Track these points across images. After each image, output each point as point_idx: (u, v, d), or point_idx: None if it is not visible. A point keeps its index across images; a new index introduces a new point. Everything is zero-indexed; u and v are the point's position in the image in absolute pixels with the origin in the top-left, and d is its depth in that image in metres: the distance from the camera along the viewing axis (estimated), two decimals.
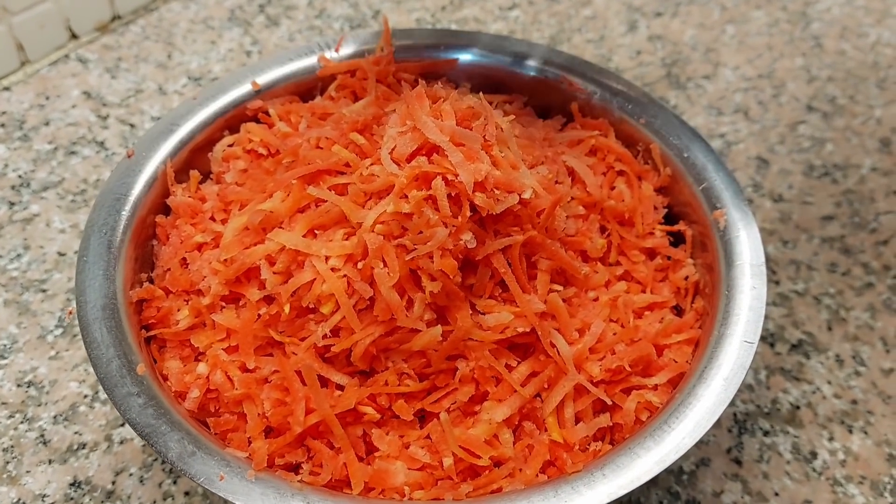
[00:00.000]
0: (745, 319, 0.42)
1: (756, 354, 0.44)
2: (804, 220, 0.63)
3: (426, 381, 0.40)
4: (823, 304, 0.57)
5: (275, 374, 0.40)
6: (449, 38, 0.56)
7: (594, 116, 0.54)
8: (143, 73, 0.70)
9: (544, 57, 0.55)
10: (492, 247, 0.40)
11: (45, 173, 0.62)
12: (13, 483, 0.46)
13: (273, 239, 0.41)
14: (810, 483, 0.48)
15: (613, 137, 0.53)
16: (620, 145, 0.52)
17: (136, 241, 0.45)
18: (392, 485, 0.38)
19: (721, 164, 0.49)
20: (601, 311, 0.43)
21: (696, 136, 0.50)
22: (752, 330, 0.41)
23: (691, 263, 0.48)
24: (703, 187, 0.48)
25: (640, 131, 0.52)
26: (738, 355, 0.40)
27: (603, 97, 0.53)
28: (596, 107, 0.54)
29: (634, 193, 0.49)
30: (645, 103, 0.52)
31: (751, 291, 0.43)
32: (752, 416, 0.51)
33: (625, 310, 0.43)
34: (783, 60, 0.76)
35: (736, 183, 0.48)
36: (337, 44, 0.54)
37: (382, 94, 0.51)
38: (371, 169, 0.40)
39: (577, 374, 0.40)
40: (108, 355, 0.39)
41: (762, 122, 0.70)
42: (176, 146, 0.49)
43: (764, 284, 0.43)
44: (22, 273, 0.56)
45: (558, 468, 0.39)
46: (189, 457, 0.37)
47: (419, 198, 0.38)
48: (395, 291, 0.38)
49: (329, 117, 0.50)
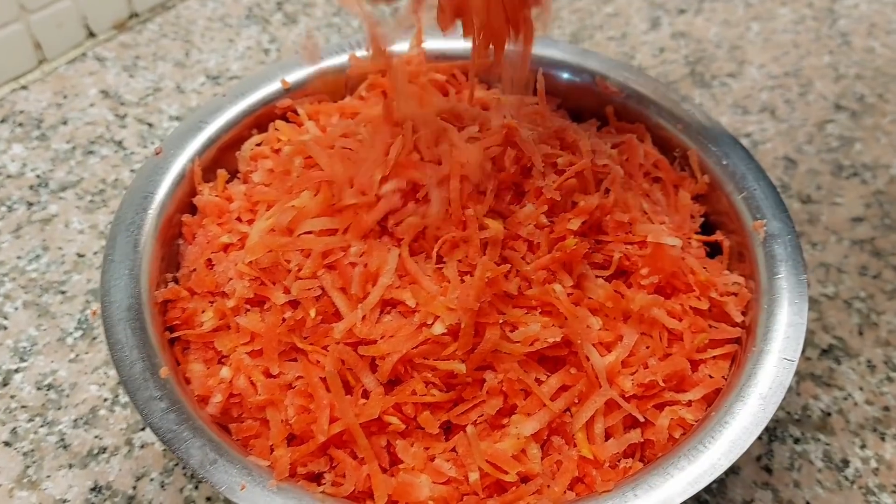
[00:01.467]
0: (785, 335, 0.40)
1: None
2: (833, 221, 0.61)
3: (452, 392, 0.39)
4: (854, 308, 0.56)
5: (299, 380, 0.40)
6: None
7: (630, 120, 0.53)
8: (160, 72, 0.70)
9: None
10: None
11: (64, 173, 0.62)
12: (33, 488, 0.46)
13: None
14: (842, 492, 0.47)
15: (650, 142, 0.51)
16: (657, 151, 0.51)
17: (163, 241, 0.45)
18: (416, 499, 0.37)
19: (762, 173, 0.47)
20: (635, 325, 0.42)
21: (735, 143, 0.49)
22: (793, 347, 0.40)
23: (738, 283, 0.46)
24: (742, 196, 0.47)
25: (678, 137, 0.50)
26: (777, 373, 0.39)
27: (639, 100, 0.52)
28: (632, 110, 0.52)
29: (671, 201, 0.48)
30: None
31: (791, 306, 0.41)
32: (783, 423, 0.50)
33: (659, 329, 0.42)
34: (810, 58, 0.74)
35: (777, 192, 0.46)
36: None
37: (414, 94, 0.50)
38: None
39: (609, 390, 0.39)
40: (131, 357, 0.39)
41: (789, 122, 0.69)
42: (204, 144, 0.48)
43: (805, 299, 0.42)
44: (41, 274, 0.55)
45: (587, 485, 0.38)
46: (211, 465, 0.36)
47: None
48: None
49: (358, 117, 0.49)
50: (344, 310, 0.40)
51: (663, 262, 0.42)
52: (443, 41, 0.54)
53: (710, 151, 0.49)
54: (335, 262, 0.40)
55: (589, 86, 0.53)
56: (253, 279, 0.41)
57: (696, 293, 0.43)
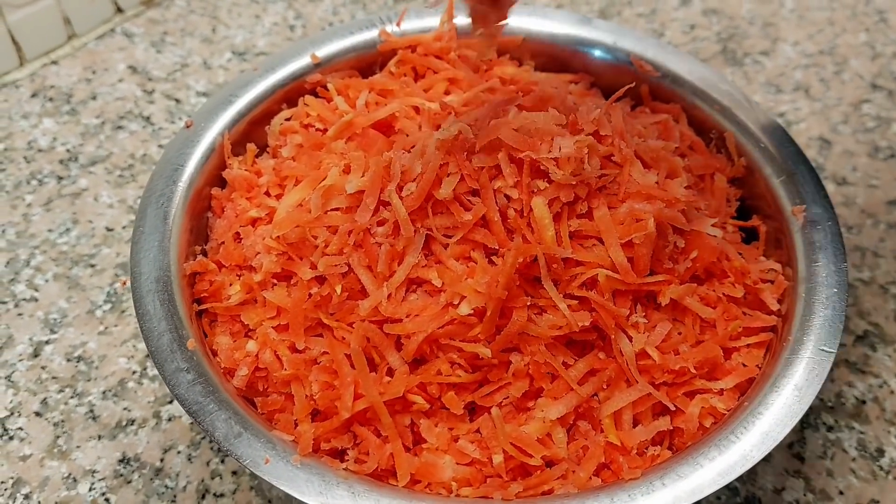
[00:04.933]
0: (823, 325, 0.39)
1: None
2: (869, 204, 0.60)
3: (478, 373, 0.39)
4: (890, 293, 0.54)
5: (324, 356, 0.40)
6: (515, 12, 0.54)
7: (665, 100, 0.51)
8: (188, 48, 0.70)
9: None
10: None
11: (94, 147, 0.62)
12: (63, 458, 0.47)
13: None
14: (877, 482, 0.46)
15: (686, 123, 0.50)
16: (693, 132, 0.50)
17: (192, 213, 0.45)
18: (439, 479, 0.37)
19: (802, 156, 0.46)
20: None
21: (774, 124, 0.47)
22: (831, 337, 0.39)
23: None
24: (781, 180, 0.45)
25: (714, 118, 0.49)
26: (814, 364, 0.38)
27: (675, 80, 0.51)
28: (667, 90, 0.51)
29: (706, 185, 0.47)
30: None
31: (830, 295, 0.40)
32: (815, 411, 0.49)
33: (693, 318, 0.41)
34: (845, 36, 0.72)
35: (817, 176, 0.45)
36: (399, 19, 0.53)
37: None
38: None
39: (647, 385, 0.38)
40: (159, 329, 0.39)
41: (824, 101, 0.67)
42: (234, 118, 0.48)
43: (845, 288, 0.40)
44: (71, 247, 0.56)
45: (613, 472, 0.38)
46: (235, 437, 0.36)
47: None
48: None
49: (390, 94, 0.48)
50: (370, 287, 0.39)
51: (702, 251, 0.41)
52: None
53: (747, 133, 0.48)
54: (362, 240, 0.40)
55: (624, 64, 0.52)
56: (280, 254, 0.41)
57: (730, 279, 0.42)
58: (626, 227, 0.38)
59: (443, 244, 0.39)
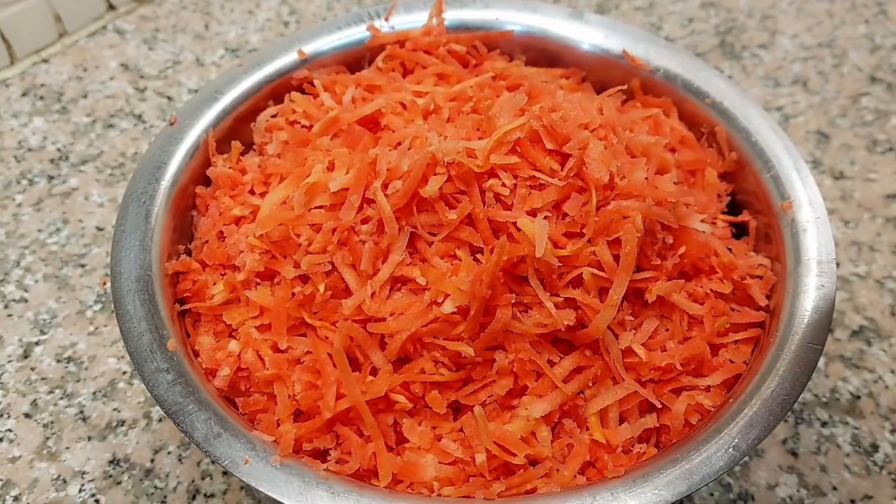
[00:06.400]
0: (811, 321, 0.39)
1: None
2: (867, 198, 0.59)
3: (462, 372, 0.38)
4: (886, 287, 0.54)
5: (307, 356, 0.39)
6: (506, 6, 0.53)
7: (656, 94, 0.51)
8: (180, 44, 0.69)
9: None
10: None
11: (84, 146, 0.62)
12: (53, 459, 0.46)
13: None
14: (871, 477, 0.46)
15: (676, 117, 0.50)
16: (684, 126, 0.49)
17: (176, 212, 0.44)
18: (421, 478, 0.37)
19: (793, 150, 0.45)
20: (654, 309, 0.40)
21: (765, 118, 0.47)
22: (819, 333, 0.38)
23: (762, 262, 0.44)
24: (771, 174, 0.45)
25: (706, 112, 0.48)
26: (802, 360, 0.37)
27: (666, 74, 0.50)
28: (658, 84, 0.50)
29: (697, 180, 0.46)
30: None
31: (818, 290, 0.39)
32: (810, 406, 0.48)
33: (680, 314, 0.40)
34: (844, 28, 0.71)
35: (807, 171, 0.44)
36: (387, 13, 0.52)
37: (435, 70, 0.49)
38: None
39: (633, 383, 0.38)
40: (139, 329, 0.39)
41: (822, 94, 0.66)
42: (219, 115, 0.48)
43: (833, 283, 0.40)
44: (61, 247, 0.56)
45: (598, 470, 0.37)
46: (214, 438, 0.36)
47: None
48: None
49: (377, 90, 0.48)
50: (353, 286, 0.39)
51: (690, 247, 0.40)
52: (462, 11, 0.52)
53: (738, 127, 0.47)
54: (346, 238, 0.40)
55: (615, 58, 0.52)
56: (263, 252, 0.41)
57: (718, 275, 0.42)
58: (614, 225, 0.38)
59: (427, 242, 0.39)
